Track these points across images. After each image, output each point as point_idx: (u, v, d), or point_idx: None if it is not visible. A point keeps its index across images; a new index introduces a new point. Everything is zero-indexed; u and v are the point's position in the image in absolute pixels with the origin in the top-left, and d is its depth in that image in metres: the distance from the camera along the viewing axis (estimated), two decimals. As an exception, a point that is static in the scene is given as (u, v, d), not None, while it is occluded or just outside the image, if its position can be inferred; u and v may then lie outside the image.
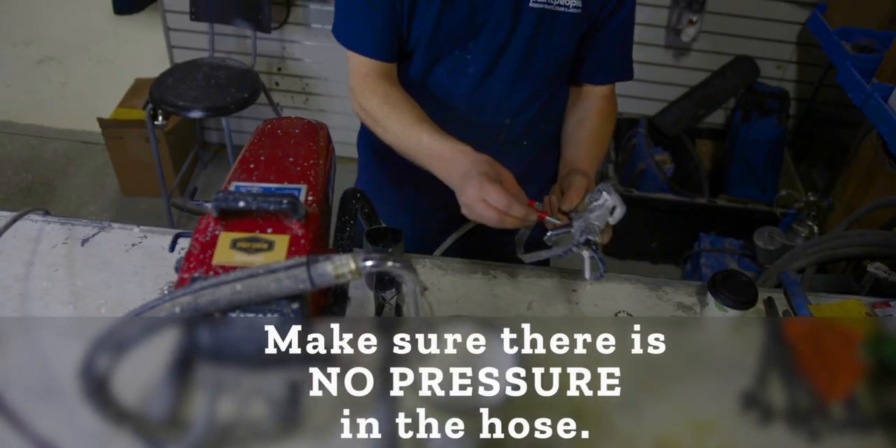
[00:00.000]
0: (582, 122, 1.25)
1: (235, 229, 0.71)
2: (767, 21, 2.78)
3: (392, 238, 1.07)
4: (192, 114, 2.47)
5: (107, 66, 3.15)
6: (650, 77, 2.96)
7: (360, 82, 1.15)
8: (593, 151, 1.20)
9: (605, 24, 1.18)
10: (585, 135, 1.22)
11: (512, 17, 1.12)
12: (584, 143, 1.21)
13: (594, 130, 1.23)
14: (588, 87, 1.28)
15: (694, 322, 1.19)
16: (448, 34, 1.12)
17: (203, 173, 3.27)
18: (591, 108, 1.26)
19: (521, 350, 1.00)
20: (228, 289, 0.61)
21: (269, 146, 0.88)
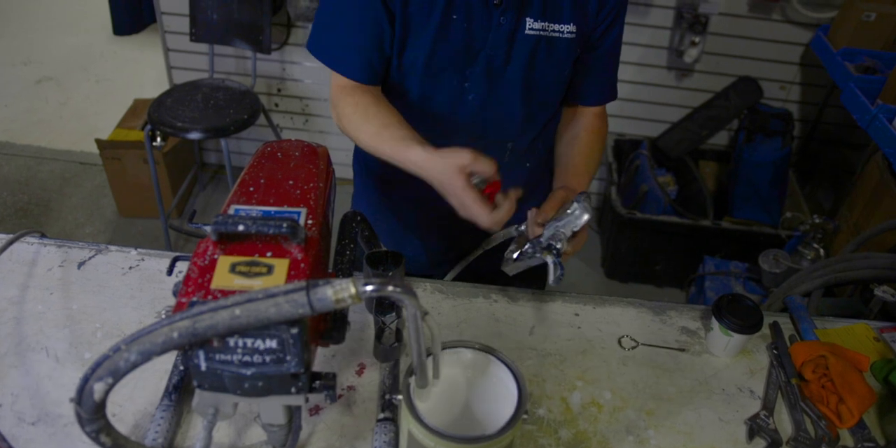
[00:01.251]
0: (573, 141, 1.26)
1: (234, 253, 0.71)
2: (770, 42, 2.81)
3: (392, 261, 1.07)
4: (191, 135, 2.49)
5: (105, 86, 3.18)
6: (653, 98, 2.98)
7: (337, 92, 1.16)
8: (583, 168, 1.21)
9: (597, 45, 1.20)
10: (577, 152, 1.24)
11: (508, 44, 1.13)
12: (575, 159, 1.23)
13: (585, 148, 1.25)
14: (580, 108, 1.30)
15: (699, 347, 1.19)
16: (444, 62, 1.13)
17: (201, 195, 3.28)
18: (582, 127, 1.28)
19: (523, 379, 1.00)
20: (227, 313, 0.61)
21: (268, 169, 0.88)
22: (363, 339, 1.13)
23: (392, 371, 1.01)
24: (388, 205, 1.38)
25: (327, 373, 0.74)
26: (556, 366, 1.12)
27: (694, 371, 1.13)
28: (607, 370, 1.12)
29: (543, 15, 1.12)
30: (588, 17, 1.15)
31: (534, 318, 1.21)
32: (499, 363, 1.02)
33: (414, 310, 0.69)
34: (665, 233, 2.78)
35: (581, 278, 2.98)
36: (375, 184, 1.37)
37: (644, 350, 1.17)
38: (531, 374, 1.10)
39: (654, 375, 1.12)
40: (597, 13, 1.16)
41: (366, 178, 1.39)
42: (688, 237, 2.79)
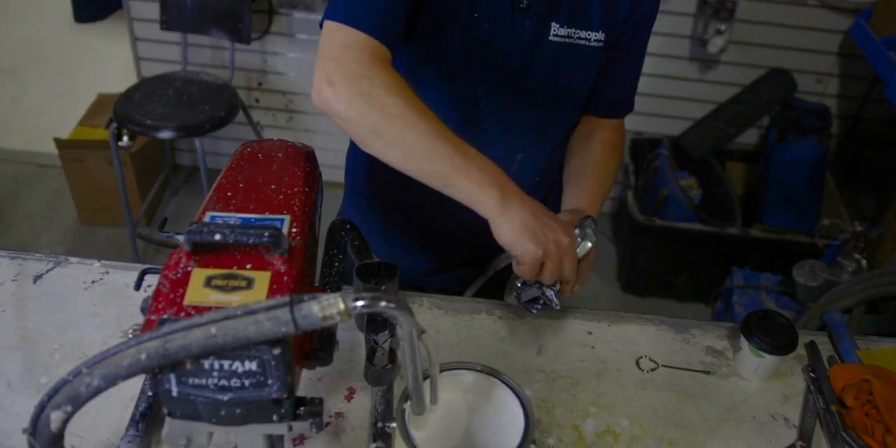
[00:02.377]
0: (585, 157, 1.26)
1: (210, 265, 0.71)
2: (805, 30, 2.82)
3: (385, 274, 1.07)
4: (162, 134, 2.49)
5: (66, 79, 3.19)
6: (674, 93, 3.00)
7: (342, 54, 0.94)
8: (595, 189, 1.21)
9: (621, 52, 1.20)
10: (589, 170, 1.24)
11: (529, 50, 1.13)
12: (586, 179, 1.23)
13: (599, 166, 1.25)
14: (595, 119, 1.31)
15: (726, 369, 1.19)
16: (458, 63, 1.14)
17: (173, 200, 3.28)
18: (596, 141, 1.28)
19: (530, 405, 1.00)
20: (202, 332, 0.61)
21: (248, 172, 0.88)
22: (353, 360, 1.13)
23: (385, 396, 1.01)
24: (382, 211, 1.39)
25: (313, 398, 0.74)
26: (568, 390, 1.12)
27: (721, 396, 1.13)
28: (624, 395, 1.12)
29: (572, 21, 1.12)
30: (617, 23, 1.16)
31: (542, 336, 1.21)
32: (503, 387, 1.02)
33: (409, 328, 0.69)
34: (688, 242, 2.79)
35: (595, 292, 2.98)
36: (369, 188, 1.37)
37: (665, 372, 1.17)
38: (539, 398, 1.10)
39: (676, 401, 1.12)
40: (626, 19, 1.16)
41: (358, 181, 1.40)
42: (713, 247, 2.79)
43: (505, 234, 0.95)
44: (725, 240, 2.75)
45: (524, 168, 1.27)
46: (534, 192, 1.34)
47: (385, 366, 0.94)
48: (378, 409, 1.00)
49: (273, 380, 0.66)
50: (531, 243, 0.95)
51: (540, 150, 1.27)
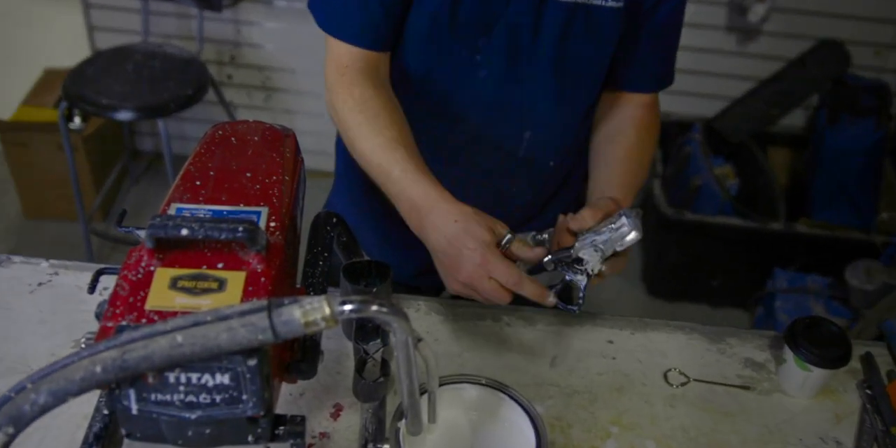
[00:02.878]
0: (616, 138, 1.26)
1: (176, 264, 0.71)
2: (860, -5, 2.81)
3: (377, 274, 1.07)
4: (120, 115, 2.49)
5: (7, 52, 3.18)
6: (708, 68, 2.99)
7: (337, 77, 1.17)
8: (629, 177, 1.21)
9: (649, 17, 1.20)
10: (621, 155, 1.23)
11: (535, 12, 1.13)
12: (619, 165, 1.22)
13: (632, 149, 1.24)
14: (626, 94, 1.30)
15: (768, 384, 1.19)
16: (451, 27, 1.14)
17: (133, 191, 3.28)
18: (628, 121, 1.27)
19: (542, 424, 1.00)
20: (166, 341, 0.61)
21: (219, 158, 0.88)
22: (340, 372, 1.13)
23: (376, 413, 1.01)
24: (375, 201, 1.39)
25: (294, 416, 0.74)
26: (585, 407, 1.12)
27: (762, 415, 1.14)
28: (650, 413, 1.12)
29: None
30: None
31: (556, 346, 1.21)
32: (511, 403, 1.03)
33: (404, 335, 0.69)
34: (723, 238, 2.78)
35: (616, 296, 2.98)
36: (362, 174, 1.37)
37: (697, 388, 1.17)
38: (553, 417, 1.10)
39: (710, 420, 1.12)
40: None
41: (350, 166, 1.40)
42: (753, 244, 2.79)
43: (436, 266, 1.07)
44: (767, 236, 2.75)
45: (535, 148, 1.27)
46: (553, 175, 1.34)
47: (376, 379, 0.94)
48: (368, 428, 1.00)
49: (248, 395, 0.66)
50: (449, 279, 1.05)
51: (552, 129, 1.26)
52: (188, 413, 0.66)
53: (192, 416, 0.66)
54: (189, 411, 0.66)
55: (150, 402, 0.65)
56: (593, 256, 1.04)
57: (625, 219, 1.05)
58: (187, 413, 0.66)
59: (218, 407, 0.66)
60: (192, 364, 0.64)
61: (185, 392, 0.65)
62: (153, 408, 0.66)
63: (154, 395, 0.65)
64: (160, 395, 0.65)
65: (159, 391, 0.65)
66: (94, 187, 3.01)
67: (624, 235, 1.04)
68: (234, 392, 0.65)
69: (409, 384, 0.76)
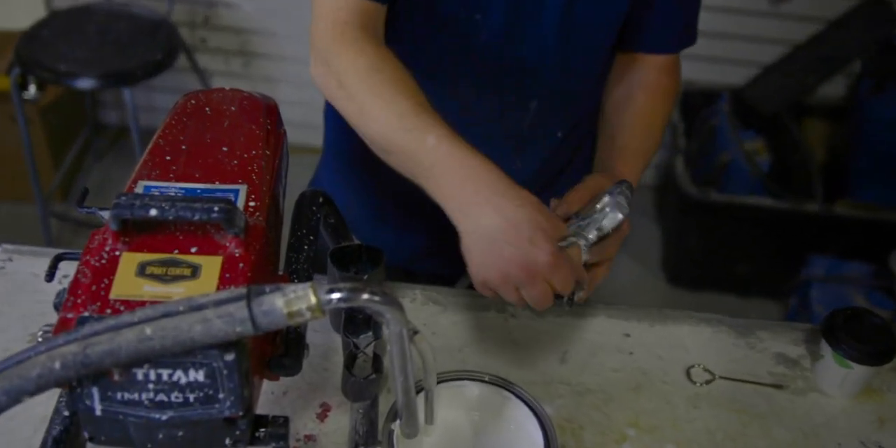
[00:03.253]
0: (625, 104, 1.25)
1: (144, 248, 0.71)
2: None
3: (368, 260, 1.07)
4: (81, 83, 2.48)
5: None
6: (736, 30, 2.98)
7: (335, 36, 1.09)
8: (635, 146, 1.20)
9: None
10: (628, 121, 1.23)
11: None
12: (625, 132, 1.22)
13: (641, 114, 1.24)
14: (640, 55, 1.29)
15: (803, 383, 1.19)
16: None
17: (96, 168, 3.28)
18: (639, 85, 1.27)
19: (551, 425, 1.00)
20: (133, 334, 0.61)
21: (192, 130, 0.88)
22: (327, 369, 1.13)
23: (368, 414, 1.02)
24: (367, 178, 1.39)
25: (277, 417, 0.74)
26: (599, 407, 1.12)
27: (796, 417, 1.14)
28: (671, 414, 1.13)
29: None
30: None
31: (567, 339, 1.22)
32: (517, 402, 1.03)
33: (399, 327, 0.69)
34: (753, 221, 2.79)
35: (633, 284, 2.98)
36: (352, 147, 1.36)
37: (723, 386, 1.17)
38: (563, 418, 1.10)
39: (738, 422, 1.13)
40: None
41: (340, 138, 1.39)
42: (786, 227, 2.79)
43: (463, 249, 0.98)
44: (802, 219, 2.75)
45: (542, 119, 1.26)
46: (561, 147, 1.34)
47: (368, 376, 0.94)
48: (359, 430, 1.00)
49: (225, 394, 0.66)
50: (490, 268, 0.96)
51: (560, 98, 1.26)
52: (158, 414, 0.66)
53: (162, 416, 0.66)
54: (159, 412, 0.66)
55: (116, 401, 0.65)
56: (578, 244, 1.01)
57: (607, 197, 1.02)
58: (157, 414, 0.66)
59: (192, 407, 0.66)
60: (163, 359, 0.64)
61: (154, 390, 0.65)
62: (119, 408, 0.66)
63: (120, 394, 0.65)
64: (127, 394, 0.65)
65: (126, 389, 0.65)
66: (52, 164, 3.00)
67: (605, 216, 1.01)
68: (209, 390, 0.65)
69: (404, 381, 0.76)
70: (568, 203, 1.06)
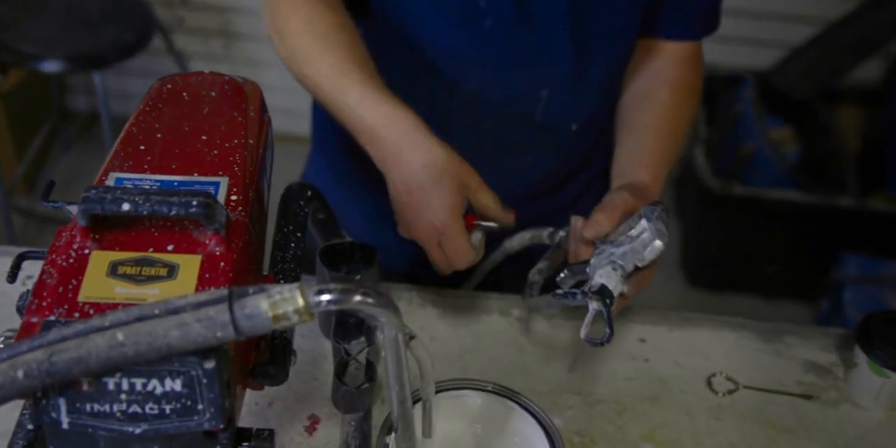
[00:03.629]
0: (646, 102, 1.25)
1: (116, 247, 0.71)
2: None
3: (361, 258, 1.07)
4: (46, 66, 2.47)
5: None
6: (762, 8, 2.98)
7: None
8: (660, 151, 1.20)
9: None
10: (651, 123, 1.23)
11: None
12: (648, 136, 1.22)
13: (665, 116, 1.23)
14: (661, 43, 1.29)
15: (835, 393, 1.19)
16: None
17: (64, 159, 3.28)
18: (662, 79, 1.26)
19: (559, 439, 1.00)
20: (104, 340, 0.61)
21: (169, 118, 0.88)
22: (316, 377, 1.13)
23: (360, 427, 1.02)
24: (360, 170, 1.38)
25: (261, 430, 0.74)
26: (612, 419, 1.12)
27: (828, 430, 1.14)
28: (691, 427, 1.13)
29: None
30: None
31: (577, 345, 1.22)
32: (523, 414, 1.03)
33: (394, 332, 0.69)
34: (780, 216, 2.79)
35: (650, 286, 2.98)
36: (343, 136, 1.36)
37: (748, 396, 1.18)
38: (573, 431, 1.10)
39: (763, 436, 1.13)
40: None
41: (329, 127, 1.39)
42: (816, 223, 2.80)
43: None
44: (833, 214, 2.76)
45: (553, 110, 1.26)
46: (576, 141, 1.33)
47: (360, 385, 0.94)
48: (351, 445, 1.00)
49: (204, 405, 0.66)
50: (400, 224, 1.07)
51: (573, 87, 1.26)
52: (132, 427, 0.66)
53: (136, 430, 0.66)
54: (133, 425, 0.66)
55: (85, 413, 0.65)
56: (612, 277, 0.99)
57: (644, 222, 1.00)
58: (131, 427, 0.66)
59: (168, 419, 0.66)
60: (137, 367, 0.64)
61: (127, 401, 0.65)
62: (88, 421, 0.65)
63: (90, 406, 0.65)
64: (97, 406, 0.65)
65: (96, 401, 0.65)
66: (14, 155, 3.00)
67: (645, 245, 0.99)
68: (187, 401, 0.65)
69: (400, 391, 0.76)
70: (598, 224, 1.05)
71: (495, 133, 1.29)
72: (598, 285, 0.99)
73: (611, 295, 0.99)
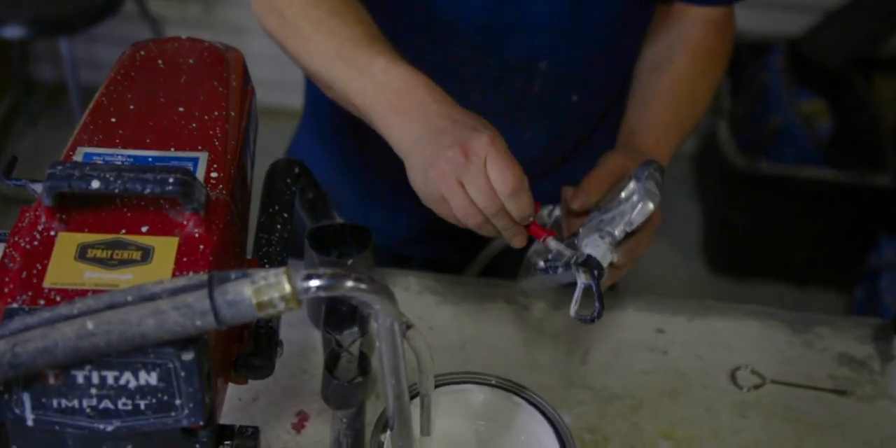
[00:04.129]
0: (662, 66, 1.24)
1: (85, 228, 0.71)
2: None
3: (354, 241, 1.07)
4: (7, 31, 2.47)
5: None
6: (793, -32, 2.97)
7: None
8: (668, 116, 1.19)
9: None
10: (664, 87, 1.22)
11: None
12: (659, 100, 1.21)
13: (680, 80, 1.23)
14: (684, 6, 1.28)
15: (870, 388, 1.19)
16: None
17: (28, 133, 3.28)
18: (681, 43, 1.25)
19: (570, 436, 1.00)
20: (72, 329, 0.61)
21: (142, 87, 0.87)
22: (305, 370, 1.14)
23: (352, 424, 1.02)
24: (352, 149, 1.38)
25: (245, 427, 0.74)
26: (627, 416, 1.13)
27: (862, 428, 1.14)
28: (712, 424, 1.13)
29: None
30: None
31: (590, 335, 1.22)
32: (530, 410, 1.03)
33: (390, 321, 0.69)
34: (811, 196, 2.79)
35: (668, 271, 2.99)
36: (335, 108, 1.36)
37: (775, 391, 1.18)
38: (583, 428, 1.11)
39: (792, 434, 1.13)
40: None
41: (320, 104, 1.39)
42: (851, 204, 2.79)
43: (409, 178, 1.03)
44: (869, 194, 2.75)
45: (554, 81, 1.26)
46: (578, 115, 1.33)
47: (353, 379, 0.94)
48: (342, 443, 1.01)
49: (182, 400, 0.66)
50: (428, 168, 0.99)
51: (576, 57, 1.25)
52: (103, 424, 0.66)
53: (108, 427, 0.66)
54: (104, 422, 0.66)
55: (52, 409, 0.65)
56: (599, 246, 0.98)
57: (633, 183, 0.99)
58: (102, 424, 0.66)
59: (143, 415, 0.66)
60: (108, 359, 0.64)
61: (98, 396, 0.65)
62: (55, 417, 0.66)
63: (57, 401, 0.65)
64: (65, 401, 0.65)
65: (64, 396, 0.65)
66: (-24, 129, 3.00)
67: (633, 206, 0.97)
68: (163, 396, 0.65)
69: (396, 385, 0.76)
70: (586, 193, 1.05)
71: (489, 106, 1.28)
72: (584, 256, 0.98)
73: (599, 265, 0.97)
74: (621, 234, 0.99)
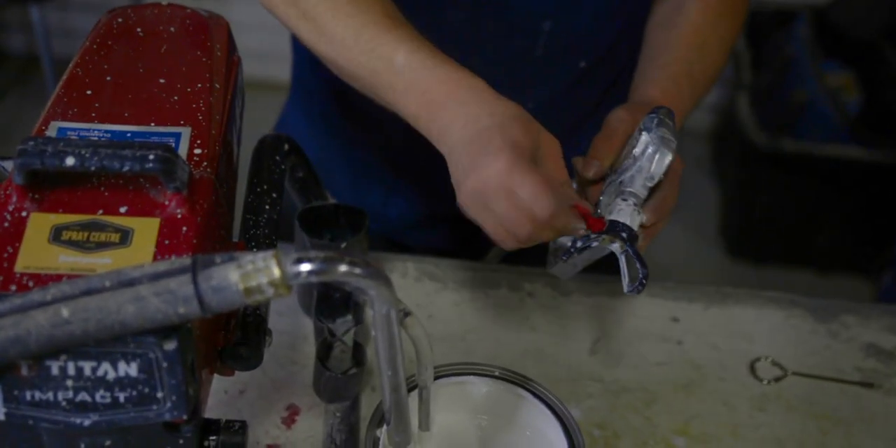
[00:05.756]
0: (672, 19, 1.24)
1: (59, 208, 0.71)
2: None
3: (347, 223, 1.07)
4: (-22, -2, 2.46)
5: None
6: (819, -69, 2.96)
7: None
8: (679, 67, 1.18)
9: None
10: (674, 41, 1.21)
11: None
12: (666, 52, 1.20)
13: (690, 33, 1.21)
14: None
15: None
16: None
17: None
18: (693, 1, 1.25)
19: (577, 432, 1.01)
20: (46, 317, 0.61)
21: (120, 57, 0.87)
22: (296, 361, 1.14)
23: (346, 418, 1.02)
24: (346, 124, 1.38)
25: (232, 422, 0.74)
26: (640, 409, 1.13)
27: (891, 423, 1.14)
28: (730, 419, 1.13)
29: None
30: None
31: (600, 324, 1.22)
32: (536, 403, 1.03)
33: (386, 308, 0.69)
34: (837, 176, 2.79)
35: (684, 255, 2.99)
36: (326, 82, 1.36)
37: (798, 384, 1.18)
38: (593, 423, 1.11)
39: (815, 429, 1.13)
40: None
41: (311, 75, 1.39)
42: (880, 185, 2.79)
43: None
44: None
45: (557, 44, 1.25)
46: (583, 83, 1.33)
47: (347, 371, 0.94)
48: (335, 439, 1.01)
49: (165, 392, 0.66)
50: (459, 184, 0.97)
51: (583, 18, 1.25)
52: (80, 418, 0.66)
53: (85, 421, 0.66)
54: (81, 415, 0.66)
55: (25, 403, 0.65)
56: (623, 209, 0.97)
57: (644, 134, 0.97)
58: (78, 418, 0.66)
59: (122, 409, 0.66)
60: (85, 349, 0.64)
61: (74, 389, 0.65)
62: (29, 411, 0.66)
63: (30, 394, 0.65)
64: (39, 394, 0.65)
65: (38, 388, 0.65)
66: (-57, 103, 3.00)
67: (649, 158, 0.96)
68: (144, 388, 0.66)
69: (393, 377, 0.76)
70: (598, 158, 1.03)
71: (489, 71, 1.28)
72: (609, 223, 0.97)
73: (629, 229, 0.96)
74: (644, 191, 0.97)
